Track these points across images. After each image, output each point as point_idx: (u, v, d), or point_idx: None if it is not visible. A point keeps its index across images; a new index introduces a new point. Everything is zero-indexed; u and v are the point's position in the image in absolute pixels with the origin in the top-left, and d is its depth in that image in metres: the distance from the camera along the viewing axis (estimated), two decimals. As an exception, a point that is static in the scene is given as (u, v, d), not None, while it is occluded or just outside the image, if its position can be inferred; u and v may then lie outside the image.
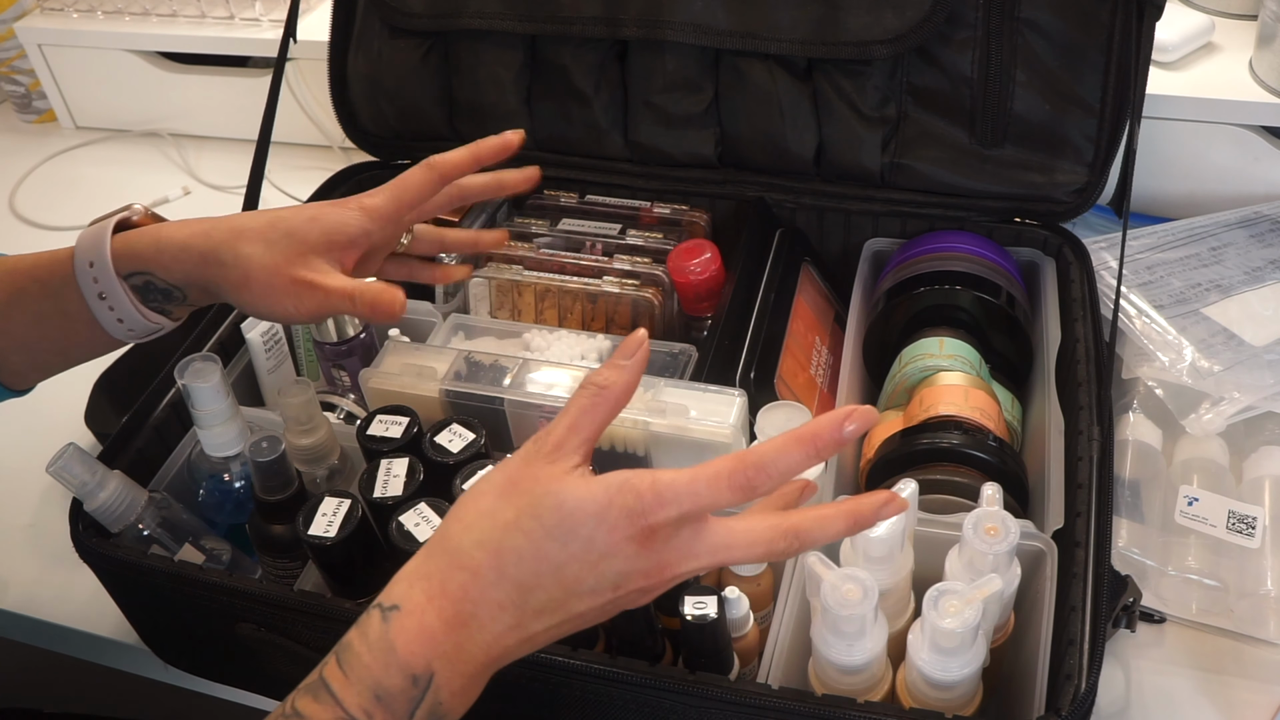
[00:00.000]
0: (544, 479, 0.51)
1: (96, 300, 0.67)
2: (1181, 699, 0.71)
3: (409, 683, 0.50)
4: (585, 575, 0.51)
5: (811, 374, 0.83)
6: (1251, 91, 0.97)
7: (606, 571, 0.51)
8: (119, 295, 0.67)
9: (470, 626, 0.51)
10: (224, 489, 0.76)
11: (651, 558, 0.51)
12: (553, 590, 0.51)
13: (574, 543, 0.50)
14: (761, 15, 0.85)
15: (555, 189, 0.96)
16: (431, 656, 0.50)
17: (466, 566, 0.51)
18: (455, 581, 0.51)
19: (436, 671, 0.50)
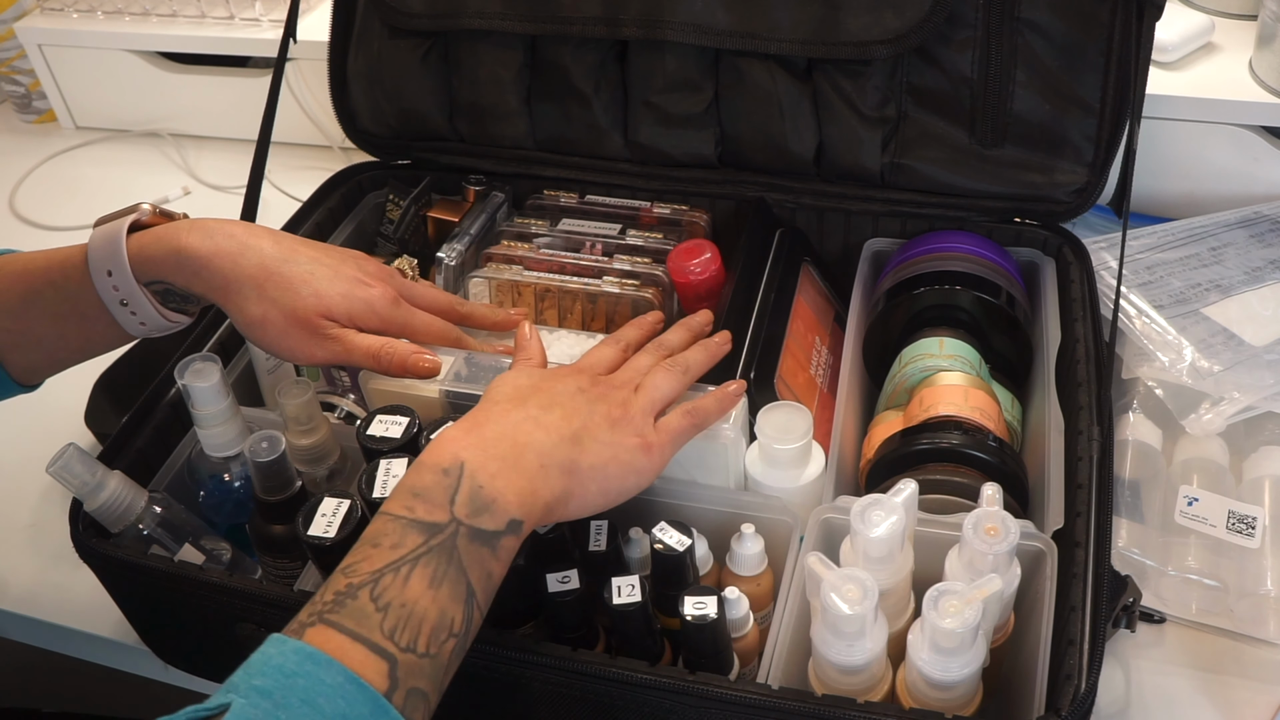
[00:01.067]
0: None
1: (118, 307, 0.68)
2: (1181, 699, 0.71)
3: (440, 475, 0.56)
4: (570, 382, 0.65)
5: (811, 374, 0.83)
6: (1251, 91, 0.97)
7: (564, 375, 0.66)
8: (141, 301, 0.68)
9: (486, 424, 0.60)
10: (224, 489, 0.76)
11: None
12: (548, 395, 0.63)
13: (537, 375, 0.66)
14: (761, 15, 0.85)
15: (555, 189, 0.97)
16: (456, 449, 0.57)
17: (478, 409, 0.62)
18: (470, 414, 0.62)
19: (466, 460, 0.57)
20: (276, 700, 0.47)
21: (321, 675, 0.48)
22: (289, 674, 0.48)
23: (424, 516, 0.54)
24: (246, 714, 0.46)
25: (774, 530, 0.70)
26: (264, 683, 0.48)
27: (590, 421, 0.62)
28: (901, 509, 0.61)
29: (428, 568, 0.53)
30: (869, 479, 0.76)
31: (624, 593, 0.61)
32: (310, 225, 0.94)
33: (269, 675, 0.48)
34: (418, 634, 0.51)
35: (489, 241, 0.93)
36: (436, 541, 0.54)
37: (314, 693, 0.47)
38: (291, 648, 0.49)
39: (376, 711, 0.48)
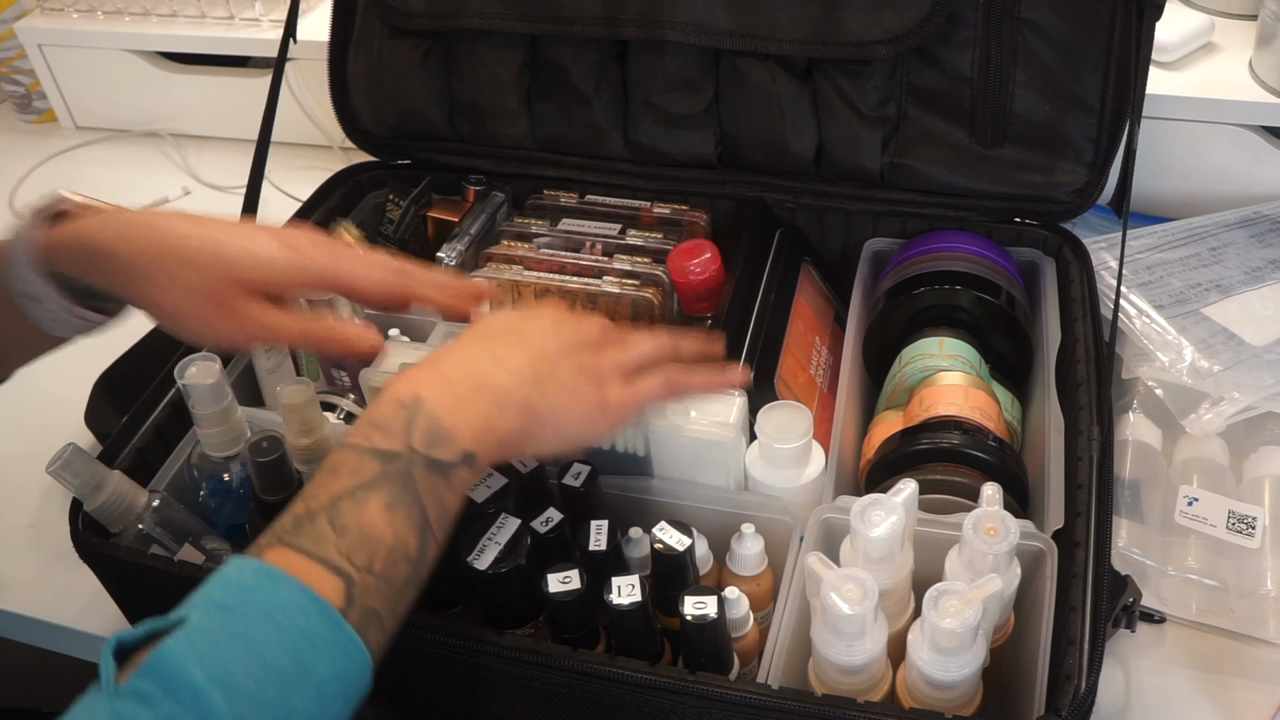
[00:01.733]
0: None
1: (25, 300, 0.64)
2: (1181, 699, 0.71)
3: (397, 407, 0.56)
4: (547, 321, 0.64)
5: (811, 374, 0.83)
6: (1251, 91, 0.97)
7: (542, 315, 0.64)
8: (47, 294, 0.64)
9: (446, 363, 0.60)
10: (224, 489, 0.76)
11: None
12: (518, 334, 0.62)
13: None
14: (761, 15, 0.85)
15: (555, 189, 0.97)
16: (415, 386, 0.57)
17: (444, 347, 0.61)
18: (435, 352, 0.61)
19: (423, 395, 0.57)
20: (234, 613, 0.48)
21: (279, 591, 0.49)
22: (247, 589, 0.49)
23: (380, 445, 0.55)
24: (204, 625, 0.47)
25: (774, 530, 0.70)
26: (221, 596, 0.49)
27: (556, 366, 0.61)
28: (901, 509, 0.61)
29: (383, 493, 0.53)
30: (869, 479, 0.76)
31: (624, 593, 0.61)
32: (309, 226, 0.94)
33: (226, 590, 0.49)
34: (373, 555, 0.52)
35: (489, 241, 0.93)
36: (393, 470, 0.54)
37: (271, 607, 0.48)
38: (251, 567, 0.50)
39: (332, 626, 0.49)
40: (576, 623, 0.63)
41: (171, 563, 0.69)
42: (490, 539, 0.63)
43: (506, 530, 0.63)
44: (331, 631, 0.49)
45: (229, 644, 0.47)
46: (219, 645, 0.47)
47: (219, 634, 0.47)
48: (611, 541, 0.64)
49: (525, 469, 0.69)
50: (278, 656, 0.47)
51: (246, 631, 0.47)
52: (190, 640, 0.47)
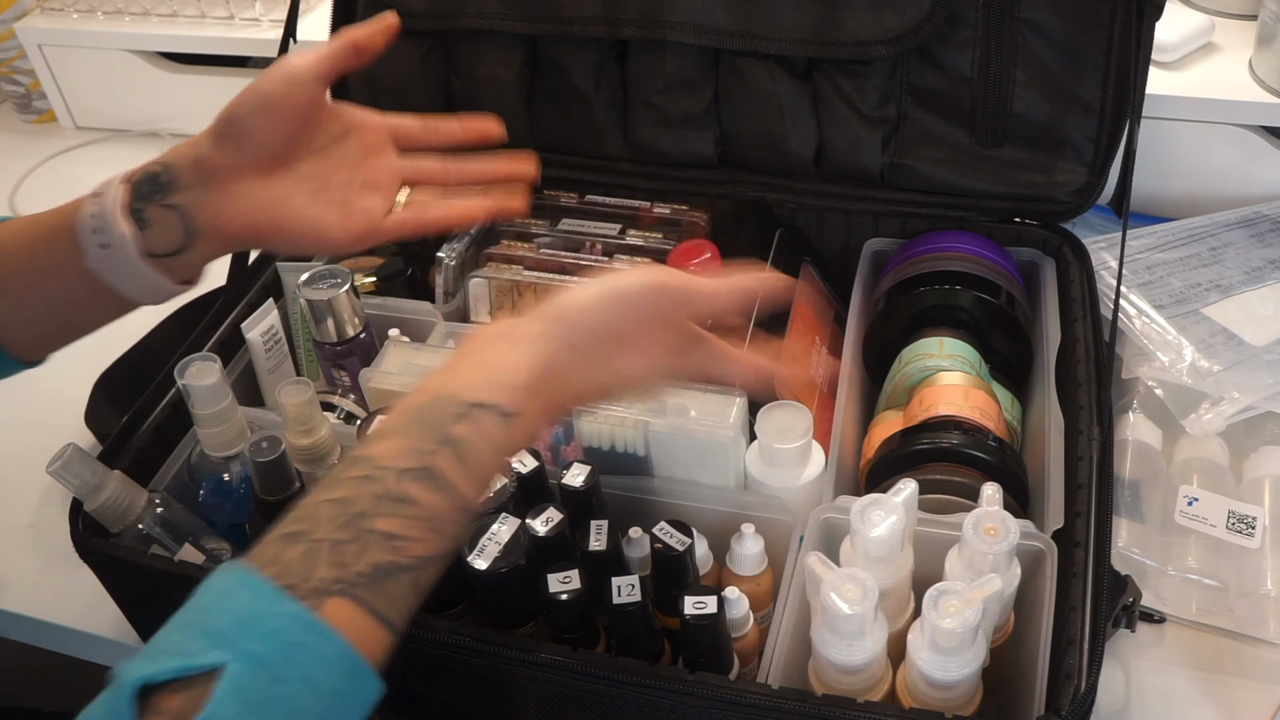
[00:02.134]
0: None
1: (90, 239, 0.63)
2: (1181, 699, 0.71)
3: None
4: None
5: (811, 374, 0.83)
6: (1251, 91, 0.97)
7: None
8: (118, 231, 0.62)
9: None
10: (224, 489, 0.76)
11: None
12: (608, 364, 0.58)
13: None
14: (761, 15, 0.85)
15: (555, 189, 0.96)
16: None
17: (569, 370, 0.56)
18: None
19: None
20: (276, 673, 0.44)
21: (323, 649, 0.45)
22: (290, 646, 0.45)
23: (474, 505, 0.52)
24: (243, 687, 0.43)
25: (774, 530, 0.70)
26: (264, 650, 0.44)
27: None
28: (901, 509, 0.61)
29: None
30: (869, 479, 0.76)
31: (624, 593, 0.61)
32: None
33: (269, 643, 0.45)
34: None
35: (489, 241, 0.93)
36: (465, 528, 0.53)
37: (313, 668, 0.45)
38: (291, 612, 0.45)
39: (366, 683, 0.47)
40: (576, 623, 0.63)
41: (171, 563, 0.69)
42: (490, 539, 0.63)
43: (506, 530, 0.63)
44: (364, 687, 0.47)
45: (271, 712, 0.44)
46: (261, 714, 0.44)
47: (262, 699, 0.44)
48: (611, 541, 0.64)
49: (525, 469, 0.69)
50: (310, 718, 0.45)
51: (288, 698, 0.44)
52: (234, 711, 0.43)
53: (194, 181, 0.65)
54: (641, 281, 0.58)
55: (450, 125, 0.73)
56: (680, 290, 0.59)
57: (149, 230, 0.64)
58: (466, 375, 0.53)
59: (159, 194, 0.65)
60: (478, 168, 0.73)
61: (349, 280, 0.81)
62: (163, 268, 0.65)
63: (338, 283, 0.80)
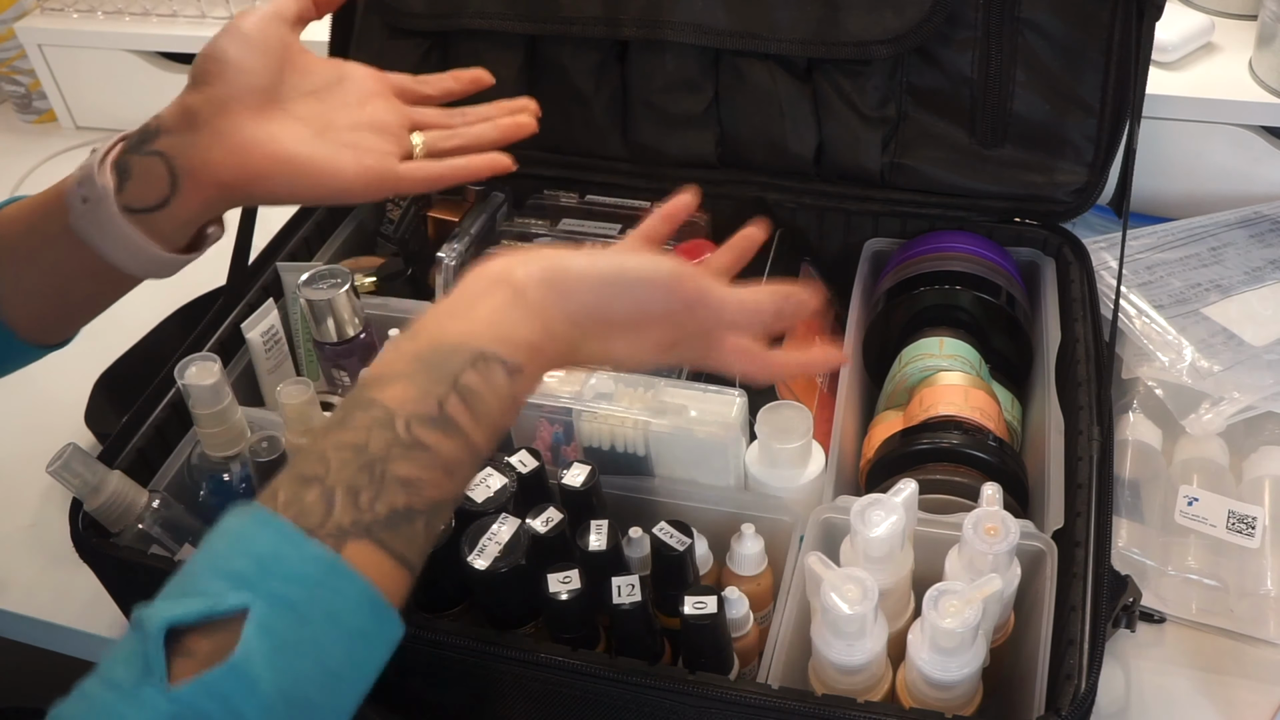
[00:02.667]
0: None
1: (76, 199, 0.61)
2: (1181, 699, 0.71)
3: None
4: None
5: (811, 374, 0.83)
6: (1251, 91, 0.97)
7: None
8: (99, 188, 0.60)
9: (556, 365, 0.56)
10: (224, 489, 0.76)
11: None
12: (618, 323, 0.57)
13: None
14: (761, 15, 0.85)
15: (555, 189, 0.96)
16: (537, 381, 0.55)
17: (564, 339, 0.55)
18: (556, 352, 0.55)
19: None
20: (302, 614, 0.44)
21: (346, 589, 0.46)
22: (314, 586, 0.45)
23: (484, 449, 0.52)
24: (270, 628, 0.43)
25: (774, 530, 0.70)
26: (287, 590, 0.44)
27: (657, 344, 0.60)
28: (901, 509, 0.61)
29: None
30: (869, 479, 0.76)
31: (624, 593, 0.61)
32: (310, 224, 0.94)
33: (292, 584, 0.45)
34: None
35: (489, 241, 0.93)
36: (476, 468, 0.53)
37: (337, 608, 0.45)
38: (314, 554, 0.46)
39: (385, 623, 0.47)
40: (576, 623, 0.63)
41: (171, 563, 0.69)
42: (490, 539, 0.63)
43: (506, 530, 0.63)
44: (384, 628, 0.47)
45: (298, 652, 0.44)
46: (289, 654, 0.44)
47: (289, 640, 0.44)
48: (611, 541, 0.64)
49: (526, 469, 0.69)
50: (339, 661, 0.45)
51: (314, 637, 0.44)
52: (263, 648, 0.43)
53: (179, 126, 0.62)
54: (653, 274, 0.56)
55: (441, 78, 0.72)
56: (692, 295, 0.57)
57: (131, 182, 0.61)
58: (470, 323, 0.53)
59: (145, 142, 0.62)
60: (481, 110, 0.71)
61: (349, 280, 0.81)
62: (146, 225, 0.61)
63: (338, 283, 0.80)
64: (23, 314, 0.66)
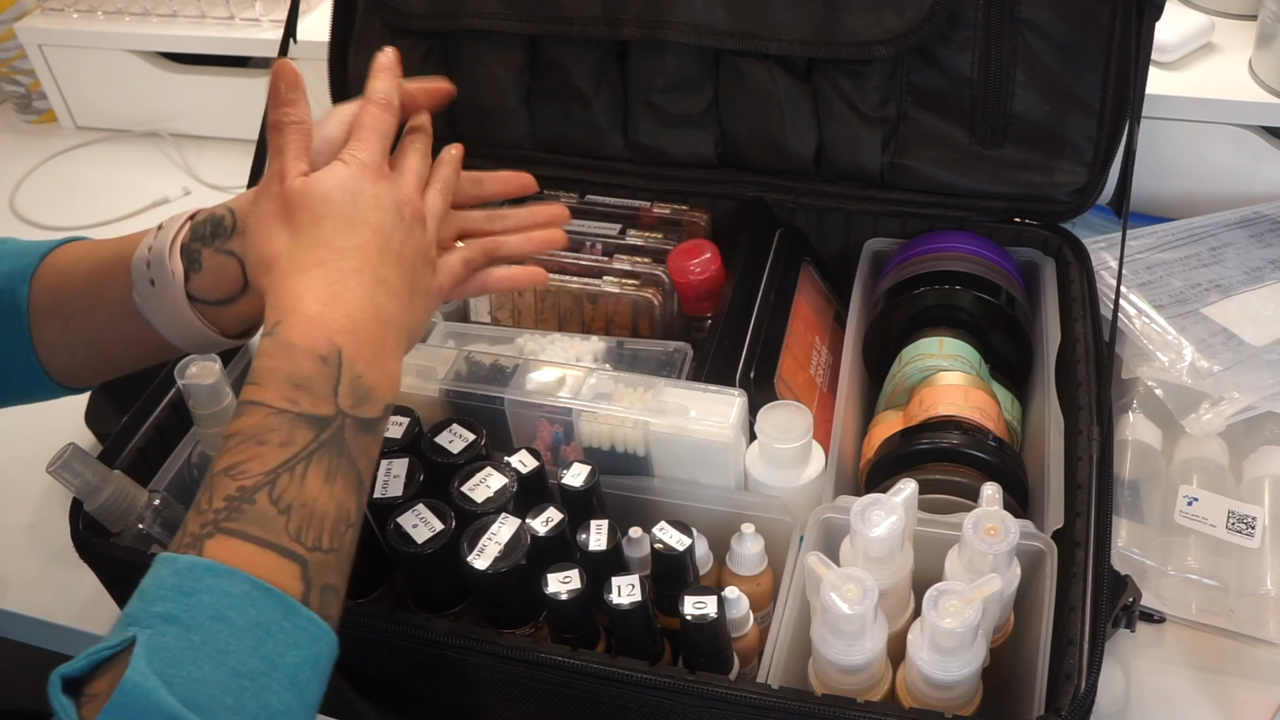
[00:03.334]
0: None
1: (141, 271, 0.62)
2: (1181, 699, 0.71)
3: (320, 364, 0.53)
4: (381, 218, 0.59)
5: (811, 374, 0.83)
6: (1251, 91, 0.97)
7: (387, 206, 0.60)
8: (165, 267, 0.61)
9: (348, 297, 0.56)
10: (224, 489, 0.76)
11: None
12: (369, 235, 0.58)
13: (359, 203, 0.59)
14: (761, 15, 0.85)
15: (555, 189, 0.96)
16: (330, 333, 0.54)
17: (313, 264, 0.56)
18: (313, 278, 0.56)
19: (342, 346, 0.54)
20: (185, 623, 0.45)
21: (225, 587, 0.46)
22: (188, 592, 0.46)
23: (310, 410, 0.52)
24: (157, 644, 0.44)
25: (774, 530, 0.70)
26: (165, 608, 0.45)
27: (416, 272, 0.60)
28: (901, 509, 0.61)
29: (321, 464, 0.51)
30: (869, 479, 0.76)
31: (624, 593, 0.61)
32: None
33: (168, 600, 0.46)
34: (321, 531, 0.50)
35: (489, 241, 0.93)
36: (326, 436, 0.52)
37: (221, 606, 0.46)
38: (184, 565, 0.47)
39: (289, 613, 0.47)
40: (576, 623, 0.63)
41: (171, 563, 0.69)
42: (490, 539, 0.63)
43: (506, 530, 0.63)
44: (291, 619, 0.47)
45: (191, 658, 0.44)
46: (181, 663, 0.44)
47: (176, 650, 0.44)
48: (611, 541, 0.64)
49: (526, 469, 0.69)
50: (243, 659, 0.45)
51: (204, 641, 0.45)
52: (151, 664, 0.44)
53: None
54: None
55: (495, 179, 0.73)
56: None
57: (200, 275, 0.62)
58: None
59: (219, 237, 0.62)
60: (520, 217, 0.72)
61: (349, 280, 0.81)
62: (208, 315, 0.62)
63: (338, 283, 0.80)
64: (63, 363, 0.67)
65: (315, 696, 0.48)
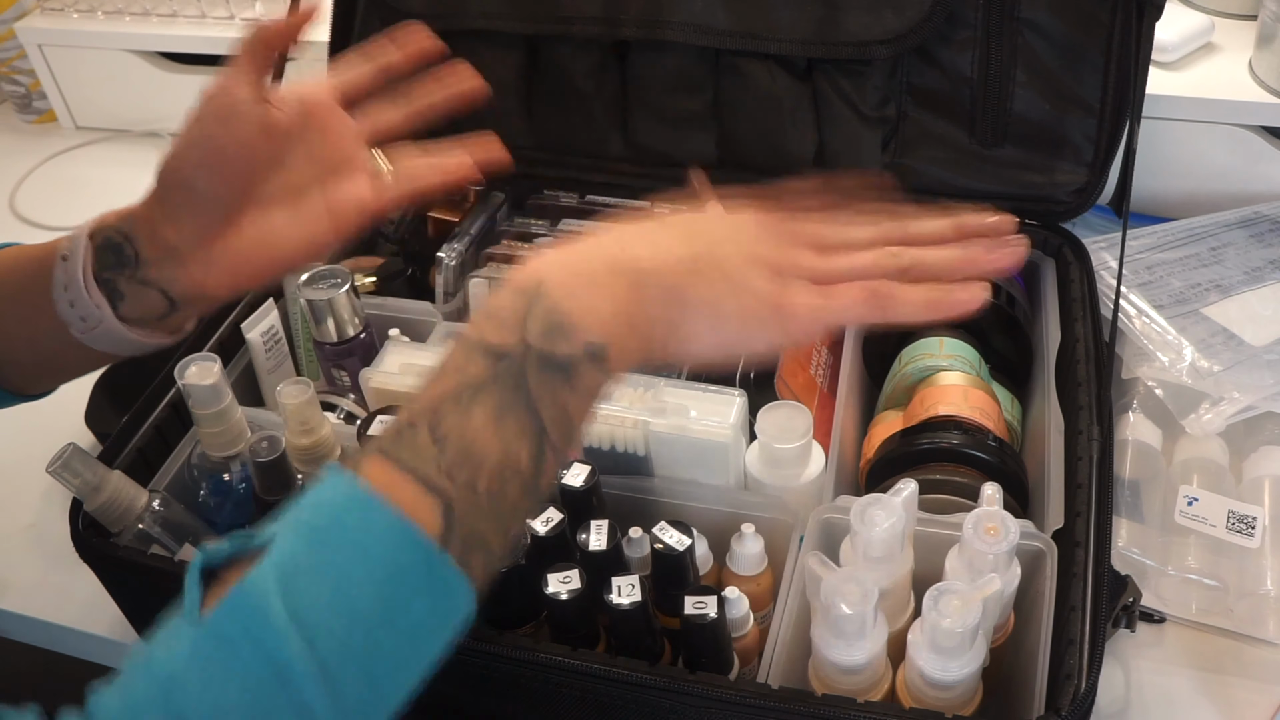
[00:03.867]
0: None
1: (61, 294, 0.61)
2: (1181, 699, 0.71)
3: (516, 295, 0.50)
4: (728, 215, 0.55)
5: (811, 374, 0.83)
6: (1251, 91, 0.97)
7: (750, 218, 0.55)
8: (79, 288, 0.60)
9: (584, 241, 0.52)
10: (224, 489, 0.76)
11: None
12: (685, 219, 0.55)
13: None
14: (761, 15, 0.85)
15: (555, 189, 0.96)
16: (539, 266, 0.51)
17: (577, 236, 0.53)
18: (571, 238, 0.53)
19: (545, 278, 0.50)
20: (324, 539, 0.44)
21: (372, 518, 0.45)
22: (338, 511, 0.45)
23: (491, 339, 0.48)
24: (291, 553, 0.44)
25: (774, 530, 0.70)
26: (312, 517, 0.45)
27: (722, 249, 0.53)
28: (901, 509, 0.61)
29: (492, 397, 0.47)
30: (869, 479, 0.76)
31: (624, 592, 0.61)
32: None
33: (318, 511, 0.45)
34: (477, 472, 0.47)
35: (489, 241, 0.93)
36: (503, 369, 0.48)
37: (363, 536, 0.44)
38: (345, 485, 0.46)
39: (427, 559, 0.45)
40: (576, 623, 0.63)
41: (171, 563, 0.69)
42: (490, 539, 0.63)
43: (506, 530, 0.63)
44: (427, 565, 0.45)
45: (316, 577, 0.43)
46: (306, 579, 0.43)
47: (306, 565, 0.43)
48: (611, 541, 0.64)
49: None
50: (365, 594, 0.43)
51: (335, 562, 0.43)
52: (277, 571, 0.43)
53: (161, 256, 0.62)
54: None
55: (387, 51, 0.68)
56: None
57: (125, 302, 0.62)
58: None
59: (126, 267, 0.62)
60: (432, 99, 0.68)
61: (349, 280, 0.81)
62: (152, 328, 0.63)
63: (338, 283, 0.80)
64: (10, 372, 0.67)
65: (435, 649, 0.46)
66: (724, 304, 0.52)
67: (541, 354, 0.48)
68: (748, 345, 0.54)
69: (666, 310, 0.51)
